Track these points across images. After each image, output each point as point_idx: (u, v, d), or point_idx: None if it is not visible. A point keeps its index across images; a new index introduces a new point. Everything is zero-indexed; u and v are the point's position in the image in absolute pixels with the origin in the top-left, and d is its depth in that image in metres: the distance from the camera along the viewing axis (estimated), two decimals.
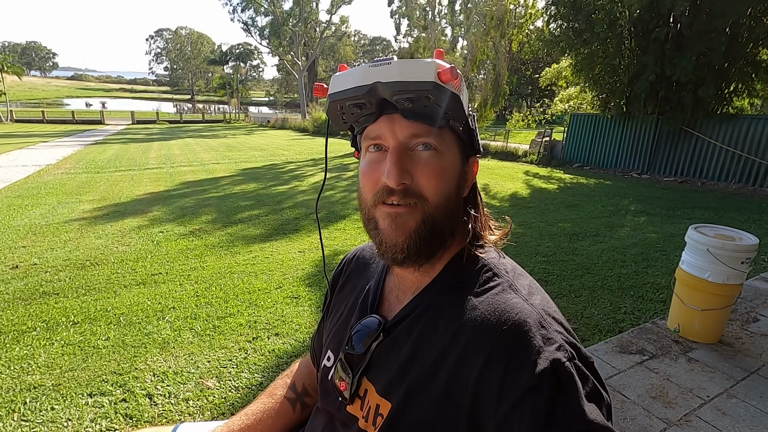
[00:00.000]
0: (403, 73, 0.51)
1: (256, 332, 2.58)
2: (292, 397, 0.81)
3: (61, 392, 1.95)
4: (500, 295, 0.55)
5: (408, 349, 0.58)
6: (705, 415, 1.79)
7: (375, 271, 0.73)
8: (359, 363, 0.62)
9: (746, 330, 2.55)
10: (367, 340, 0.61)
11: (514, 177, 9.62)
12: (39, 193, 6.74)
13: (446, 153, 0.56)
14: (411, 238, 0.55)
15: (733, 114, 9.10)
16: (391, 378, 0.57)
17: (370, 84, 0.52)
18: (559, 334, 0.50)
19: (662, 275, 3.66)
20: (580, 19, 10.04)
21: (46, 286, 3.26)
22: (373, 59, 0.54)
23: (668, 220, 5.74)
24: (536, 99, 30.15)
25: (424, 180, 0.54)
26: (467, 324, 0.53)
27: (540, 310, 0.53)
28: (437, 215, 0.55)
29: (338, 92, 0.55)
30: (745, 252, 2.18)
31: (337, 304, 0.77)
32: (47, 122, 26.33)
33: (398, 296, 0.65)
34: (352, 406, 0.62)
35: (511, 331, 0.50)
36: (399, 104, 0.53)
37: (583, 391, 0.47)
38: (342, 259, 0.84)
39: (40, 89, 79.38)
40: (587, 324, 2.78)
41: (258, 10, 33.25)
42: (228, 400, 1.93)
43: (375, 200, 0.56)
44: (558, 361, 0.47)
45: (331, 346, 0.71)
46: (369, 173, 0.57)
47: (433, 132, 0.54)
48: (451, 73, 0.50)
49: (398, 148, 0.54)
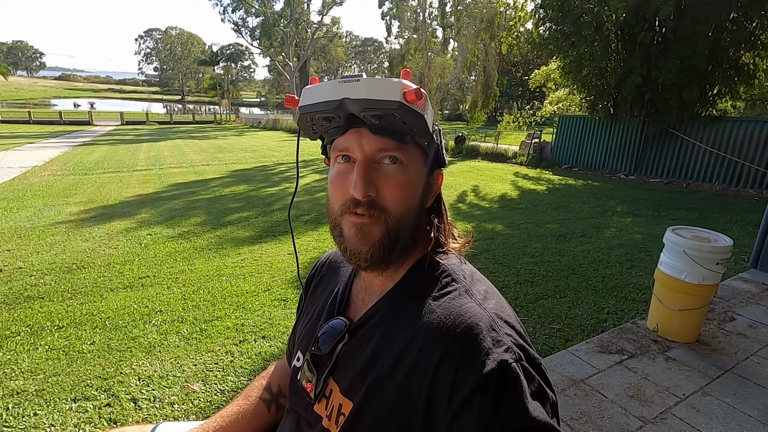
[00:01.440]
0: (371, 91, 0.54)
1: (243, 335, 2.59)
2: (267, 398, 0.83)
3: (45, 397, 1.95)
4: (456, 299, 0.58)
5: (370, 350, 0.61)
6: (680, 413, 1.85)
7: (344, 275, 0.76)
8: (326, 363, 0.65)
9: (723, 329, 2.62)
10: (332, 341, 0.64)
11: (503, 178, 9.71)
12: (25, 196, 6.66)
13: (411, 166, 0.59)
14: (375, 247, 0.59)
15: (717, 116, 9.28)
16: (353, 378, 0.60)
17: (339, 99, 0.55)
18: (509, 337, 0.54)
19: (645, 275, 3.73)
20: (568, 22, 10.17)
21: (30, 290, 3.23)
22: (343, 75, 0.57)
23: (653, 221, 5.85)
24: (526, 100, 30.42)
25: (388, 193, 0.58)
26: (425, 326, 0.57)
27: (492, 314, 0.56)
28: (400, 226, 0.59)
29: (308, 105, 0.58)
30: (720, 253, 2.25)
31: (309, 306, 0.80)
32: (34, 123, 25.91)
33: (364, 299, 0.69)
34: (318, 406, 0.65)
35: (463, 333, 0.53)
36: (366, 120, 0.56)
37: (528, 390, 0.50)
38: (315, 262, 0.87)
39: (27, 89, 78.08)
40: (571, 324, 2.83)
41: (249, 11, 33.10)
42: (213, 404, 1.94)
43: (342, 209, 0.60)
44: (505, 362, 0.50)
45: (301, 347, 0.74)
46: (337, 183, 0.60)
47: (398, 146, 0.57)
48: (416, 94, 0.53)
49: (365, 161, 0.58)
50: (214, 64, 57.54)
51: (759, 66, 8.81)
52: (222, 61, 57.85)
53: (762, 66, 8.83)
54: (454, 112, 39.61)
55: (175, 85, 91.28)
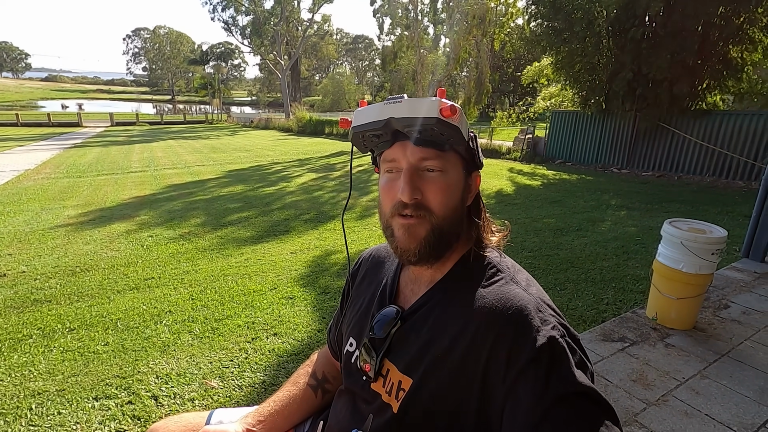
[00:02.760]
0: (412, 110, 0.62)
1: (254, 333, 2.64)
2: (314, 384, 0.91)
3: (66, 397, 1.99)
4: (504, 286, 0.66)
5: (426, 333, 0.68)
6: (681, 395, 1.94)
7: (390, 268, 0.84)
8: (380, 346, 0.72)
9: (718, 316, 2.73)
10: (387, 326, 0.72)
11: (498, 174, 9.81)
12: (20, 199, 6.62)
13: (450, 171, 0.67)
14: (421, 244, 0.67)
15: (707, 110, 9.44)
16: (411, 357, 0.68)
17: (385, 119, 0.64)
18: (553, 317, 0.62)
19: (641, 267, 3.84)
20: (560, 18, 10.27)
21: (37, 293, 3.25)
22: (388, 98, 0.65)
23: (647, 214, 5.97)
24: (518, 96, 30.58)
25: (431, 195, 0.66)
26: (477, 311, 0.64)
27: (537, 298, 0.64)
28: (443, 224, 0.67)
29: (360, 125, 0.68)
30: (715, 244, 2.34)
31: (356, 297, 0.87)
32: (22, 125, 25.56)
33: (413, 289, 0.76)
34: (376, 384, 0.72)
35: (514, 314, 0.61)
36: (409, 134, 0.65)
37: (573, 361, 0.58)
38: (358, 257, 0.95)
39: (13, 91, 76.83)
40: (572, 315, 2.92)
41: (239, 9, 32.87)
42: (233, 399, 2.00)
43: (392, 212, 0.68)
44: (553, 337, 0.58)
45: (353, 334, 0.81)
46: (387, 189, 0.69)
47: (438, 155, 0.66)
48: (451, 110, 0.61)
49: (410, 169, 0.66)
50: (204, 63, 57.10)
51: (747, 60, 8.97)
52: (212, 60, 57.42)
53: (749, 60, 9.00)
54: None
55: (165, 85, 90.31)
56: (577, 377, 0.56)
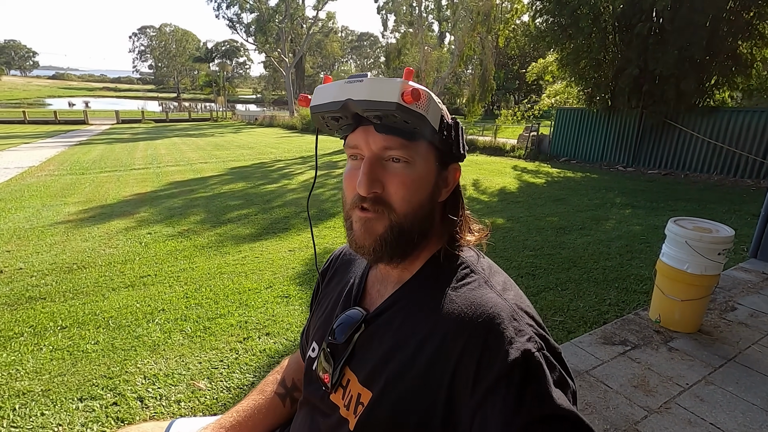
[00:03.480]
0: (372, 93, 0.54)
1: (247, 332, 2.59)
2: (282, 392, 0.84)
3: (51, 397, 1.95)
4: (476, 290, 0.59)
5: (389, 340, 0.61)
6: (684, 402, 1.86)
7: (359, 267, 0.77)
8: (342, 353, 0.65)
9: (724, 319, 2.64)
10: (349, 330, 0.65)
11: (502, 172, 9.71)
12: (23, 196, 6.62)
13: (418, 163, 0.59)
14: (377, 242, 0.60)
15: (714, 107, 9.29)
16: (372, 368, 0.61)
17: (343, 100, 0.56)
18: (530, 327, 0.55)
19: (645, 267, 3.75)
20: (565, 14, 10.13)
21: (32, 290, 3.23)
22: (350, 75, 0.57)
23: (652, 213, 5.86)
24: (523, 94, 30.35)
25: (393, 189, 0.59)
26: (445, 316, 0.57)
27: (513, 304, 0.57)
28: (404, 222, 0.60)
29: (317, 105, 0.60)
30: (722, 243, 2.26)
31: (324, 297, 0.80)
32: (29, 123, 25.71)
33: (380, 290, 0.69)
34: (335, 395, 0.65)
35: (485, 323, 0.54)
36: (370, 119, 0.57)
37: (551, 379, 0.51)
38: (330, 255, 0.88)
39: (21, 89, 77.50)
40: (573, 317, 2.84)
41: (243, 7, 32.86)
42: (220, 401, 1.95)
43: (352, 204, 0.61)
44: (528, 351, 0.51)
45: (316, 338, 0.74)
46: (349, 178, 0.62)
47: (404, 144, 0.58)
48: (412, 95, 0.52)
49: (371, 158, 0.59)
50: (210, 61, 57.19)
51: (756, 56, 8.80)
52: (217, 58, 57.50)
53: (759, 56, 8.82)
54: (451, 106, 39.52)
55: (171, 83, 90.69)
56: (554, 397, 0.49)
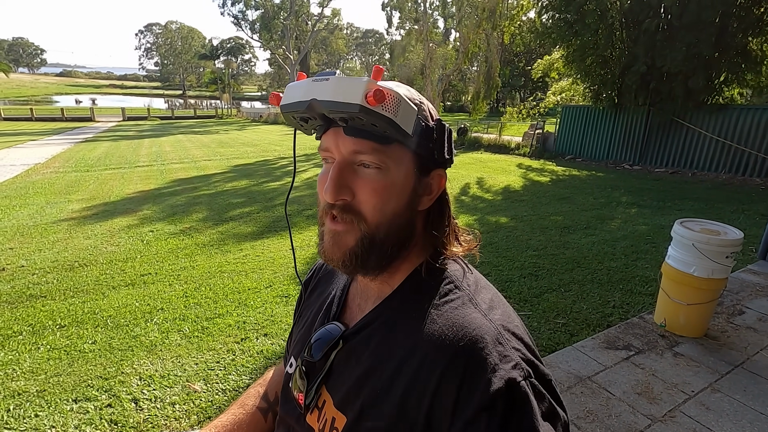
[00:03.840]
0: (335, 93, 0.50)
1: (244, 333, 2.57)
2: (264, 407, 0.80)
3: (46, 398, 1.94)
4: (459, 309, 0.54)
5: (365, 361, 0.57)
6: (689, 411, 1.81)
7: (341, 278, 0.72)
8: (319, 371, 0.61)
9: (732, 323, 2.58)
10: (326, 347, 0.61)
11: (507, 170, 9.63)
12: (27, 193, 6.66)
13: (393, 169, 0.54)
14: (346, 256, 0.56)
15: (723, 104, 9.14)
16: (347, 391, 0.57)
17: (308, 100, 0.52)
18: (516, 351, 0.50)
19: (651, 268, 3.69)
20: (571, 10, 10.00)
21: (33, 288, 3.23)
22: (317, 74, 0.53)
23: (659, 212, 5.78)
24: (529, 91, 30.12)
25: (364, 197, 0.54)
26: (425, 338, 0.53)
27: (498, 326, 0.52)
28: (376, 234, 0.55)
29: (285, 105, 0.56)
30: (730, 246, 2.20)
31: (305, 309, 0.76)
32: (36, 120, 25.91)
33: (360, 304, 0.65)
34: (311, 417, 0.61)
35: (467, 347, 0.50)
36: (338, 121, 0.53)
37: (538, 411, 0.46)
38: (313, 264, 0.83)
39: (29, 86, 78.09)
40: (576, 319, 2.79)
41: (248, 4, 32.85)
42: (215, 403, 1.92)
43: (323, 210, 0.57)
44: (513, 380, 0.47)
45: (294, 353, 0.70)
46: (321, 183, 0.58)
47: (376, 149, 0.53)
48: (376, 97, 0.47)
49: (340, 163, 0.54)
50: (215, 58, 57.28)
51: (767, 52, 8.64)
52: (222, 55, 57.58)
53: None
54: (457, 103, 39.31)
55: (176, 80, 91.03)
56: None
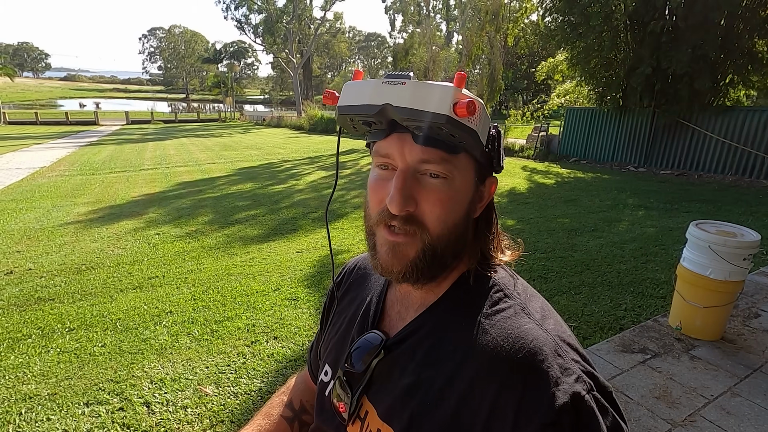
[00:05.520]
0: (416, 100, 0.47)
1: (254, 336, 2.55)
2: (289, 416, 0.78)
3: (57, 402, 1.92)
4: (512, 319, 0.52)
5: (412, 371, 0.55)
6: (710, 415, 1.78)
7: (377, 283, 0.70)
8: (359, 381, 0.59)
9: (748, 326, 2.54)
10: (367, 357, 0.58)
11: (511, 172, 9.61)
12: (33, 197, 6.68)
13: (457, 179, 0.52)
14: (408, 267, 0.53)
15: (729, 106, 9.10)
16: (393, 401, 0.55)
17: (381, 105, 0.49)
18: (576, 363, 0.48)
19: (661, 270, 3.65)
20: (576, 12, 9.99)
21: (41, 291, 3.22)
22: (389, 74, 0.49)
23: (666, 214, 5.74)
24: (532, 94, 30.09)
25: (428, 208, 0.52)
26: (477, 349, 0.51)
27: (555, 336, 0.50)
28: (438, 244, 0.53)
29: (347, 106, 0.52)
30: (747, 248, 2.17)
31: (336, 315, 0.73)
32: (41, 124, 26.07)
33: (400, 312, 0.62)
34: (352, 428, 0.59)
35: (526, 360, 0.47)
36: (410, 129, 0.50)
37: (604, 427, 0.44)
38: (342, 267, 0.81)
39: (33, 90, 78.61)
40: (588, 322, 2.76)
41: (251, 8, 33.06)
42: (227, 407, 1.90)
43: (378, 219, 0.54)
44: (578, 394, 0.45)
45: (329, 360, 0.68)
46: (376, 189, 0.55)
47: (444, 158, 0.51)
48: (468, 110, 0.45)
49: (405, 171, 0.51)
50: (218, 61, 57.59)
51: None
52: (225, 59, 57.84)
53: None
54: None
55: (180, 84, 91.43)
56: None
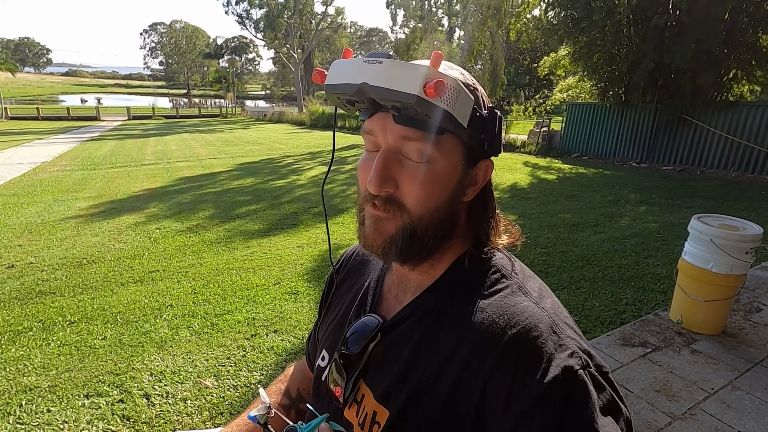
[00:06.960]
0: (390, 80, 0.46)
1: (254, 329, 2.55)
2: (286, 403, 0.78)
3: (58, 394, 1.93)
4: (509, 297, 0.52)
5: (408, 353, 0.55)
6: (710, 409, 1.78)
7: (374, 269, 0.70)
8: (356, 365, 0.59)
9: (749, 320, 2.54)
10: (363, 340, 0.58)
11: (513, 168, 9.58)
12: (35, 191, 6.68)
13: (440, 161, 0.52)
14: (387, 243, 0.54)
15: (733, 101, 9.03)
16: (389, 384, 0.55)
17: (359, 84, 0.48)
18: (572, 341, 0.47)
19: (663, 265, 3.64)
20: (578, 7, 9.92)
21: (42, 285, 3.23)
22: (370, 53, 0.49)
23: (668, 210, 5.72)
24: (534, 89, 29.96)
25: (408, 189, 0.52)
26: (473, 327, 0.50)
27: (551, 314, 0.50)
28: (418, 225, 0.53)
29: (331, 85, 0.52)
30: (750, 242, 2.16)
31: (335, 301, 0.74)
32: (42, 119, 26.10)
33: (397, 295, 0.62)
34: (348, 411, 0.59)
35: (520, 335, 0.47)
36: (389, 108, 0.49)
37: (598, 403, 0.43)
38: (341, 255, 0.81)
39: (35, 86, 78.62)
40: (588, 316, 2.76)
41: (252, 3, 32.91)
42: (226, 399, 1.91)
43: (364, 197, 0.55)
44: (570, 368, 0.44)
45: (326, 346, 0.68)
46: (363, 170, 0.56)
47: (426, 138, 0.50)
48: (436, 90, 0.44)
49: (386, 152, 0.52)
50: (219, 57, 57.38)
51: None
52: (227, 54, 57.66)
53: None
54: None
55: (181, 79, 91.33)
56: (600, 426, 0.42)
